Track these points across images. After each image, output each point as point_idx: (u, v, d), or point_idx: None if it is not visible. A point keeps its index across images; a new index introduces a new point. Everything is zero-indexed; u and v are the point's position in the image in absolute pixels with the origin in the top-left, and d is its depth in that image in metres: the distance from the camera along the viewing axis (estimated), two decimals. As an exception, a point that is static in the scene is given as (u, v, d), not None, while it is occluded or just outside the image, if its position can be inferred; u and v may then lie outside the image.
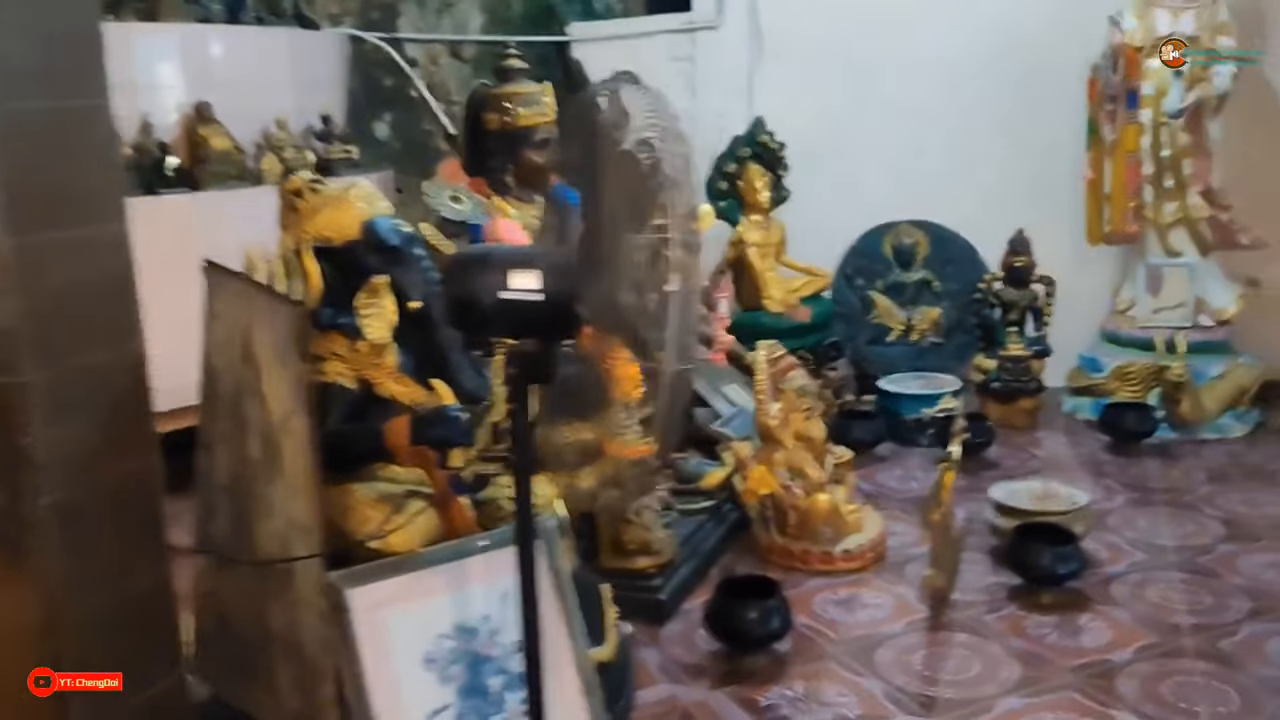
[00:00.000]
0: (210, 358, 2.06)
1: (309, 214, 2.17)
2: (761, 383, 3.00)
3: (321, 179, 2.25)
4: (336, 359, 2.11)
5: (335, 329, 2.13)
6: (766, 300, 4.51)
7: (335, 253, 2.15)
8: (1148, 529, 3.20)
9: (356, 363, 2.13)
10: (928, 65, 4.67)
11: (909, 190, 4.80)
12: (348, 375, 2.11)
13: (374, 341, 2.11)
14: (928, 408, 3.97)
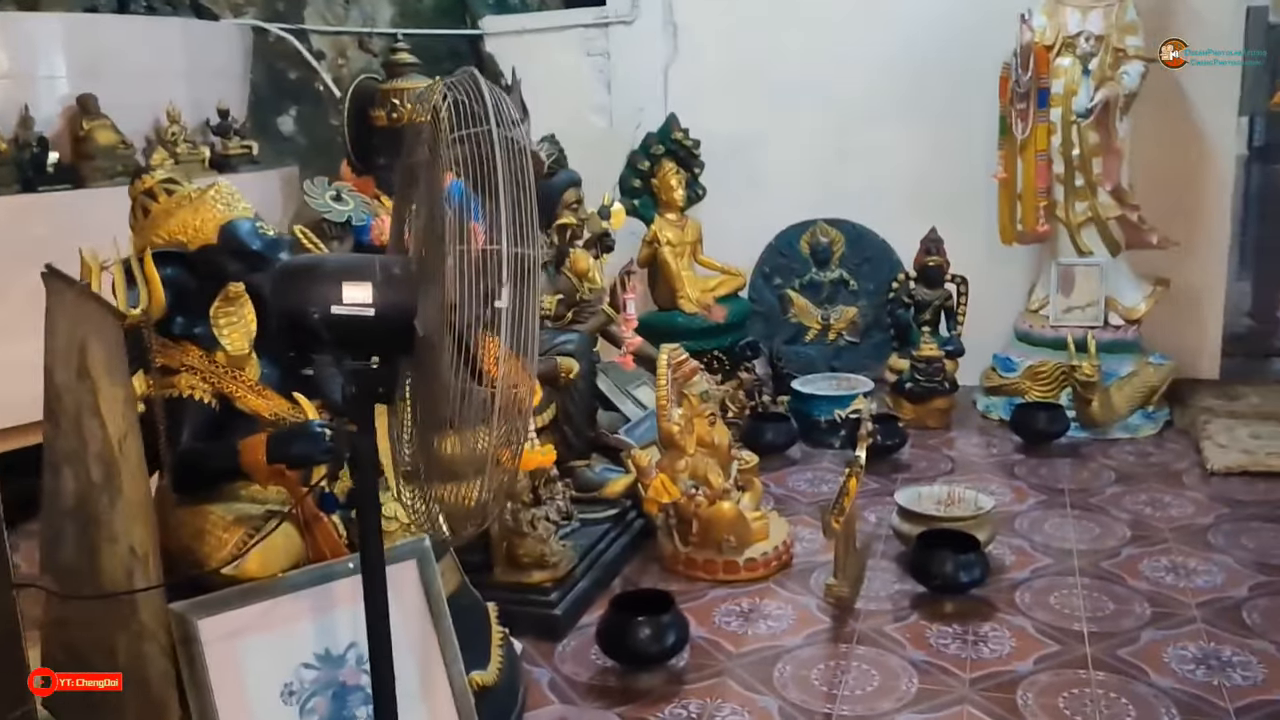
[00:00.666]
0: (52, 372, 1.92)
1: (162, 216, 2.05)
2: (663, 387, 2.92)
3: (176, 179, 2.12)
4: (190, 372, 1.98)
5: (189, 340, 2.01)
6: (681, 300, 4.43)
7: (191, 258, 2.02)
8: (1054, 532, 3.18)
9: (213, 375, 2.00)
10: (845, 61, 4.63)
11: (826, 188, 4.76)
12: (203, 389, 1.98)
13: (232, 353, 1.98)
14: (840, 409, 3.92)
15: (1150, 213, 4.13)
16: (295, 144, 4.90)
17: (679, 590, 2.88)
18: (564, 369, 3.03)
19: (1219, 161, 4.34)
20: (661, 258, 4.44)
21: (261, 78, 4.81)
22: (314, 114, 4.93)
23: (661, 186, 4.50)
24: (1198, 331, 4.47)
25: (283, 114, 4.90)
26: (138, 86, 4.11)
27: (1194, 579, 2.85)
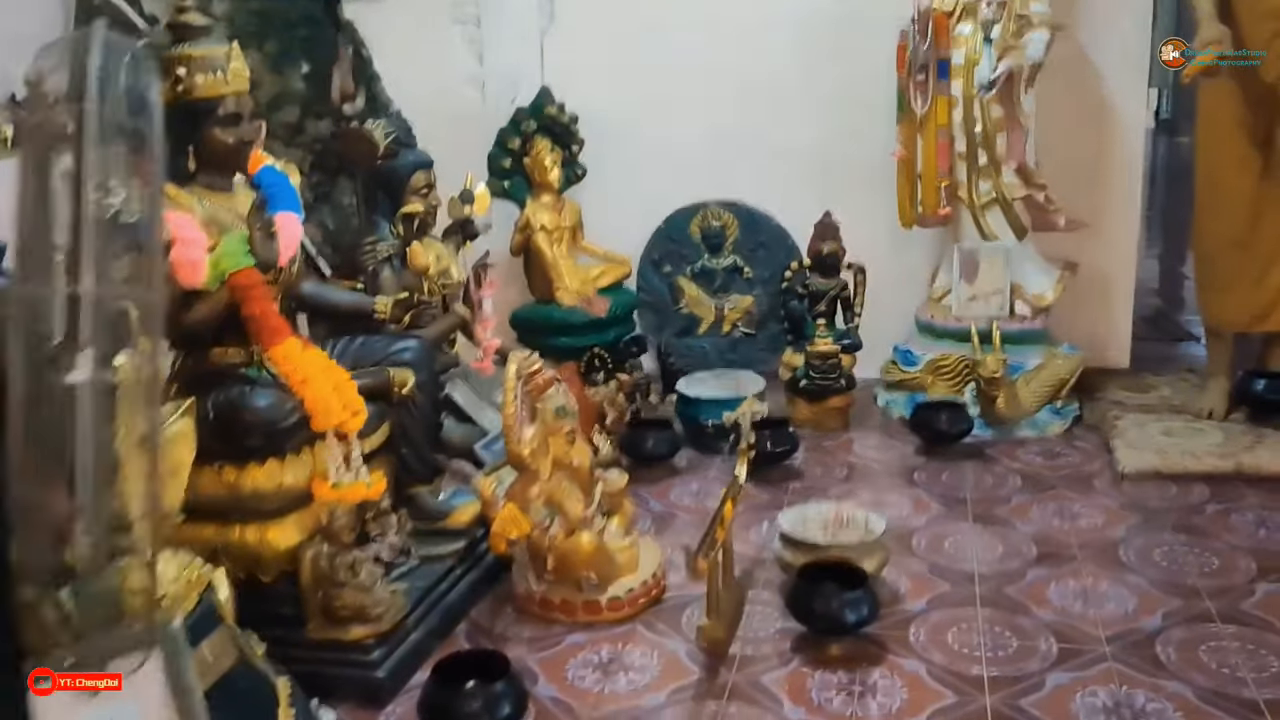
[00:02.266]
0: None
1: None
2: (510, 404, 2.53)
3: None
4: None
5: None
6: (559, 291, 4.05)
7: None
8: (955, 551, 2.88)
9: None
10: (735, 28, 4.26)
11: (717, 168, 4.39)
12: None
13: None
14: (729, 411, 3.55)
15: (1057, 192, 3.85)
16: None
17: (532, 636, 2.53)
18: (397, 382, 2.62)
19: (1127, 135, 4.09)
20: (535, 245, 4.05)
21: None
22: (148, 87, 4.42)
23: (535, 166, 4.10)
24: (1106, 318, 4.23)
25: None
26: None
27: (1104, 605, 2.56)
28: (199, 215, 2.38)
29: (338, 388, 2.38)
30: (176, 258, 2.27)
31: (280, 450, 2.34)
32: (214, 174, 2.46)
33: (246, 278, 2.31)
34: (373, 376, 2.62)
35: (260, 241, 2.33)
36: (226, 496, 2.31)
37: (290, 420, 2.32)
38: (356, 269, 2.97)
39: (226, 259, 2.32)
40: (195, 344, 2.44)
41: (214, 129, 2.39)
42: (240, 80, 2.42)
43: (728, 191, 4.41)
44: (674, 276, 4.50)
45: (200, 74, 2.36)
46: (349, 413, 2.38)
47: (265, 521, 2.33)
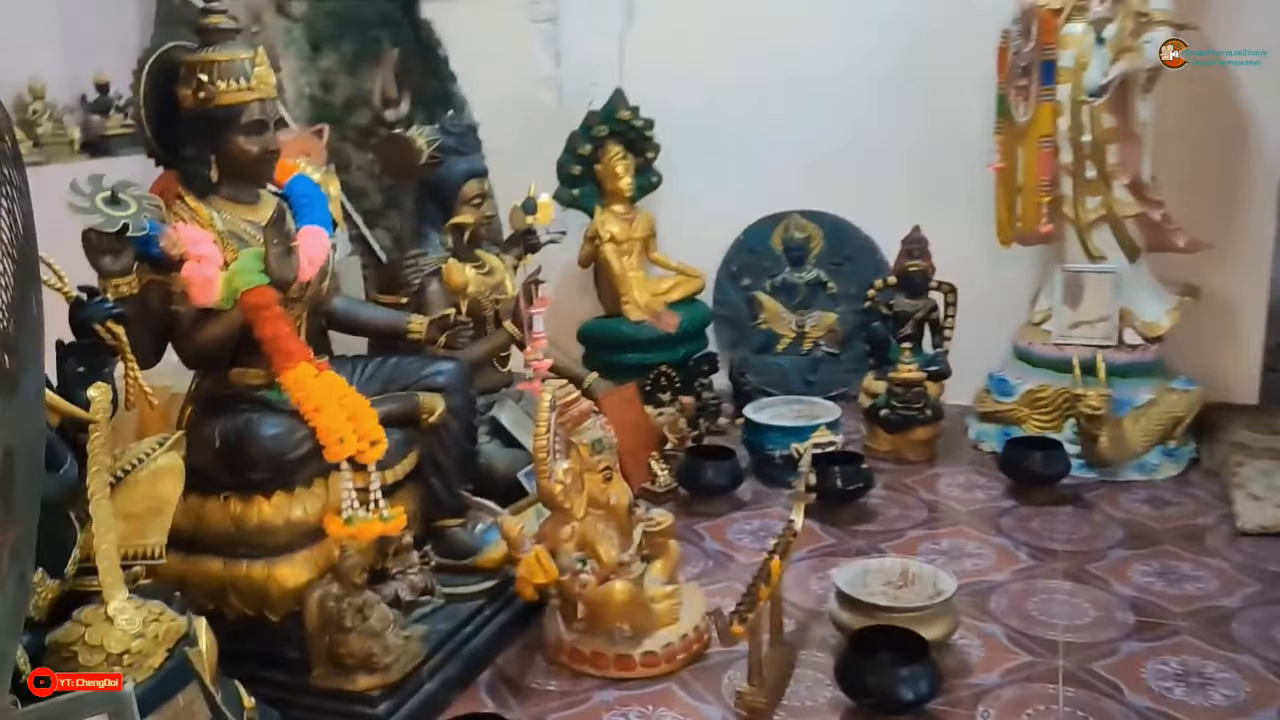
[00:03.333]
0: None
1: None
2: (542, 435, 2.33)
3: None
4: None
5: None
6: (626, 305, 3.84)
7: None
8: (1039, 613, 2.57)
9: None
10: (824, 29, 3.99)
11: (802, 176, 4.14)
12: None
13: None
14: (799, 441, 3.30)
15: (1176, 209, 3.47)
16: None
17: (559, 689, 2.33)
18: (425, 409, 2.45)
19: (1262, 146, 3.66)
20: (603, 256, 3.85)
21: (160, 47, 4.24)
22: (223, 88, 4.36)
23: (606, 173, 3.90)
24: (1232, 348, 3.80)
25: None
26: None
27: (1209, 692, 2.22)
28: (217, 229, 2.25)
29: (354, 416, 2.22)
30: (188, 275, 2.15)
31: (289, 482, 2.19)
32: (237, 185, 2.33)
33: (259, 297, 2.17)
34: (400, 402, 2.46)
35: (276, 258, 2.19)
36: (233, 530, 2.17)
37: (299, 451, 2.17)
38: (399, 284, 2.81)
39: (240, 277, 2.18)
40: (213, 365, 2.31)
41: (237, 137, 2.26)
42: (265, 86, 2.28)
43: (812, 201, 4.16)
44: (753, 290, 4.26)
45: (223, 80, 2.23)
46: (366, 443, 2.22)
47: (273, 557, 2.18)
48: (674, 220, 4.11)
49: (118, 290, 2.07)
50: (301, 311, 2.42)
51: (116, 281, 2.07)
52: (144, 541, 1.78)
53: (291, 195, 2.45)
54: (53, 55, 3.73)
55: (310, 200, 2.44)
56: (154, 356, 2.24)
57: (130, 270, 2.09)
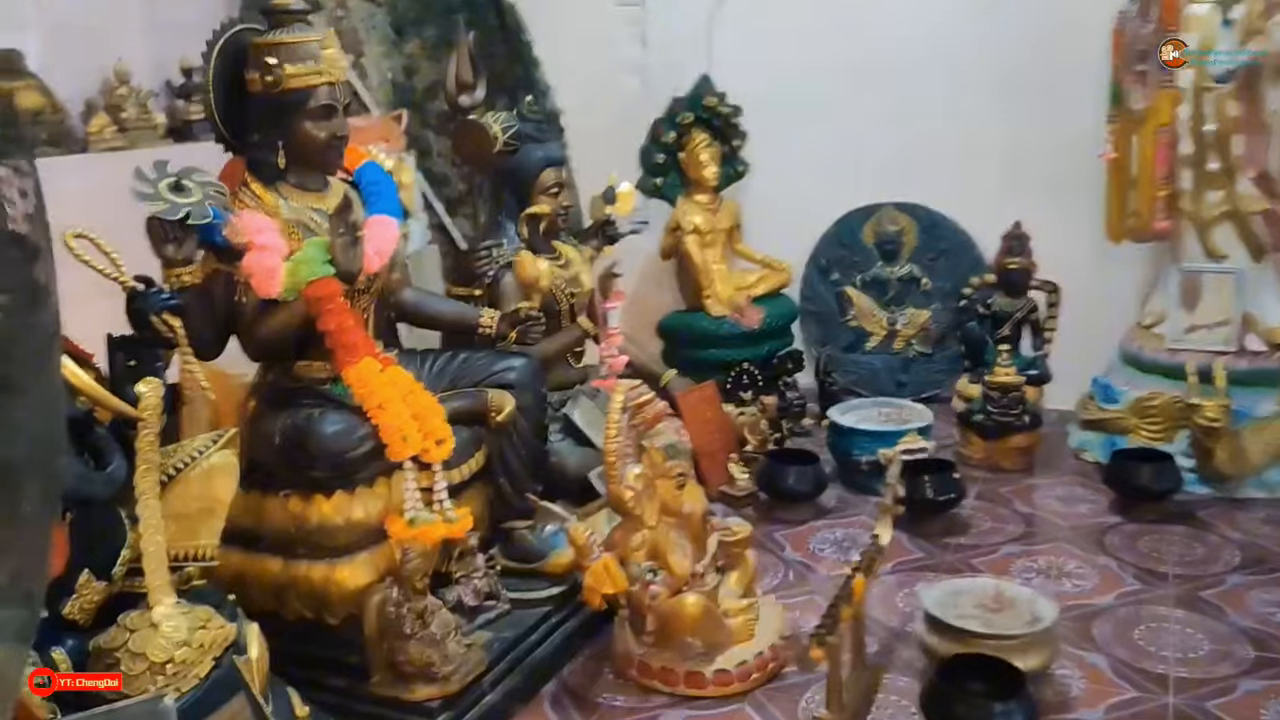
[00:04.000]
0: None
1: None
2: (614, 439, 2.21)
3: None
4: None
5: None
6: (708, 299, 3.71)
7: None
8: (1146, 644, 2.37)
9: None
10: (922, 13, 3.80)
11: (896, 167, 3.95)
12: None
13: None
14: (886, 447, 3.13)
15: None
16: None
17: (625, 706, 2.22)
18: (494, 407, 2.36)
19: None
20: (684, 248, 3.72)
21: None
22: (307, 73, 4.33)
23: (690, 162, 3.77)
24: (1365, 357, 3.50)
25: (271, 73, 4.32)
26: (81, 41, 3.59)
27: (1340, 741, 2.02)
28: (282, 217, 2.18)
29: (419, 413, 2.13)
30: (250, 265, 2.08)
31: (351, 481, 2.11)
32: (304, 172, 2.25)
33: (323, 288, 2.09)
34: (469, 399, 2.37)
35: (342, 249, 2.10)
36: (292, 529, 2.10)
37: (361, 449, 2.09)
38: (472, 276, 2.71)
39: (303, 267, 2.10)
40: (276, 357, 2.24)
41: (304, 122, 2.18)
42: (335, 69, 2.20)
43: (907, 193, 3.98)
44: (842, 285, 4.09)
45: (291, 63, 2.15)
46: (431, 441, 2.13)
47: (333, 558, 2.11)
48: (760, 211, 3.97)
49: (180, 280, 2.02)
50: (369, 304, 2.34)
51: (179, 271, 2.01)
52: (195, 543, 1.72)
53: (361, 183, 2.37)
54: (139, 39, 3.73)
55: (380, 188, 2.36)
56: (217, 347, 2.18)
57: (193, 259, 2.04)
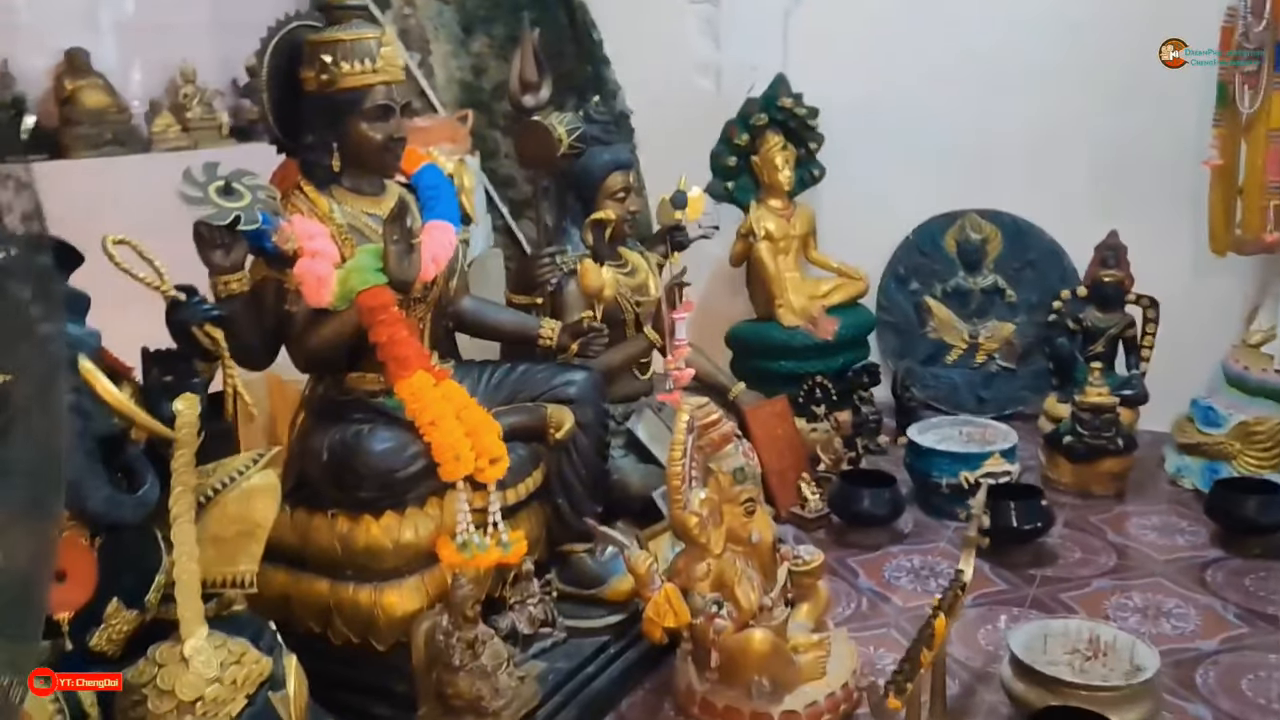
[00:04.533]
0: None
1: None
2: (677, 460, 2.08)
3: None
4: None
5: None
6: (780, 309, 3.55)
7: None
8: (1255, 694, 2.17)
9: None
10: (1010, 12, 3.59)
11: (980, 171, 3.76)
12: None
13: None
14: (968, 470, 2.96)
15: None
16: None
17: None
18: (553, 423, 2.24)
19: None
20: (756, 255, 3.57)
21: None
22: (373, 72, 4.27)
23: (763, 165, 3.62)
24: None
25: (338, 72, 4.26)
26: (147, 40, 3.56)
27: None
28: (336, 222, 2.09)
29: (474, 430, 2.02)
30: (300, 272, 1.98)
31: (400, 502, 2.01)
32: (360, 175, 2.16)
33: (375, 298, 1.99)
34: (527, 414, 2.25)
35: (396, 256, 2.00)
36: (339, 550, 2.00)
37: (411, 468, 1.99)
38: (534, 283, 2.60)
39: (355, 275, 2.01)
40: (327, 368, 2.15)
41: (360, 123, 2.09)
42: (392, 68, 2.10)
43: (992, 199, 3.78)
44: (922, 295, 3.90)
45: (346, 61, 2.06)
46: (485, 460, 2.02)
47: (381, 582, 2.01)
48: (836, 217, 3.81)
49: (228, 287, 1.94)
50: (425, 313, 2.24)
51: (227, 278, 1.93)
52: (233, 569, 1.62)
53: (419, 186, 2.28)
54: (206, 38, 3.69)
55: (438, 192, 2.26)
56: (267, 357, 2.09)
57: (242, 266, 1.95)
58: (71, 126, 3.23)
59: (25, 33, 3.32)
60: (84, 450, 1.38)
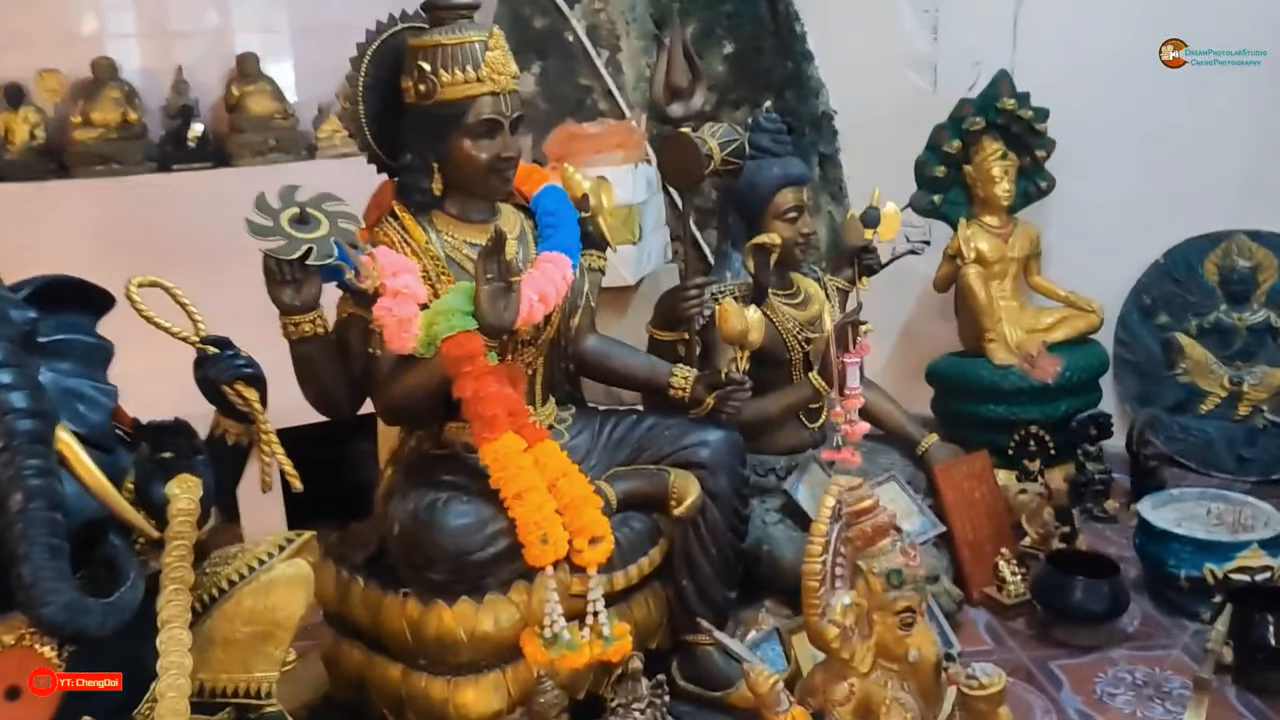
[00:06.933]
0: None
1: None
2: (817, 556, 1.68)
3: None
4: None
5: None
6: (991, 343, 3.05)
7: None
8: None
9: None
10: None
11: (1252, 185, 3.12)
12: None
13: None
14: (1214, 563, 2.37)
15: None
16: (535, 109, 4.03)
17: None
18: (675, 493, 1.89)
19: None
20: (965, 281, 3.07)
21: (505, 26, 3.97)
22: (559, 71, 4.03)
23: (978, 176, 3.12)
24: None
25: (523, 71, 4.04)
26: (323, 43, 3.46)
27: None
28: (433, 254, 1.82)
29: (572, 505, 1.71)
30: (381, 314, 1.72)
31: (478, 587, 1.71)
32: (465, 199, 1.89)
33: (461, 346, 1.70)
34: (646, 480, 1.92)
35: (488, 297, 1.70)
36: (409, 636, 1.73)
37: (490, 549, 1.69)
38: (677, 319, 2.24)
39: (442, 319, 1.72)
40: (414, 423, 1.89)
41: (463, 140, 1.81)
42: (500, 76, 1.81)
43: (1266, 218, 3.10)
44: (1172, 331, 3.27)
45: (446, 69, 1.78)
46: (584, 540, 1.70)
47: (456, 676, 1.72)
48: (1067, 237, 3.26)
49: (298, 330, 1.70)
50: (535, 357, 1.94)
51: (297, 318, 1.70)
52: (246, 676, 1.37)
53: (537, 212, 1.98)
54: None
55: (557, 219, 1.95)
56: (349, 406, 1.85)
57: (314, 305, 1.71)
58: (236, 134, 3.15)
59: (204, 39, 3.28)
60: (46, 546, 1.16)
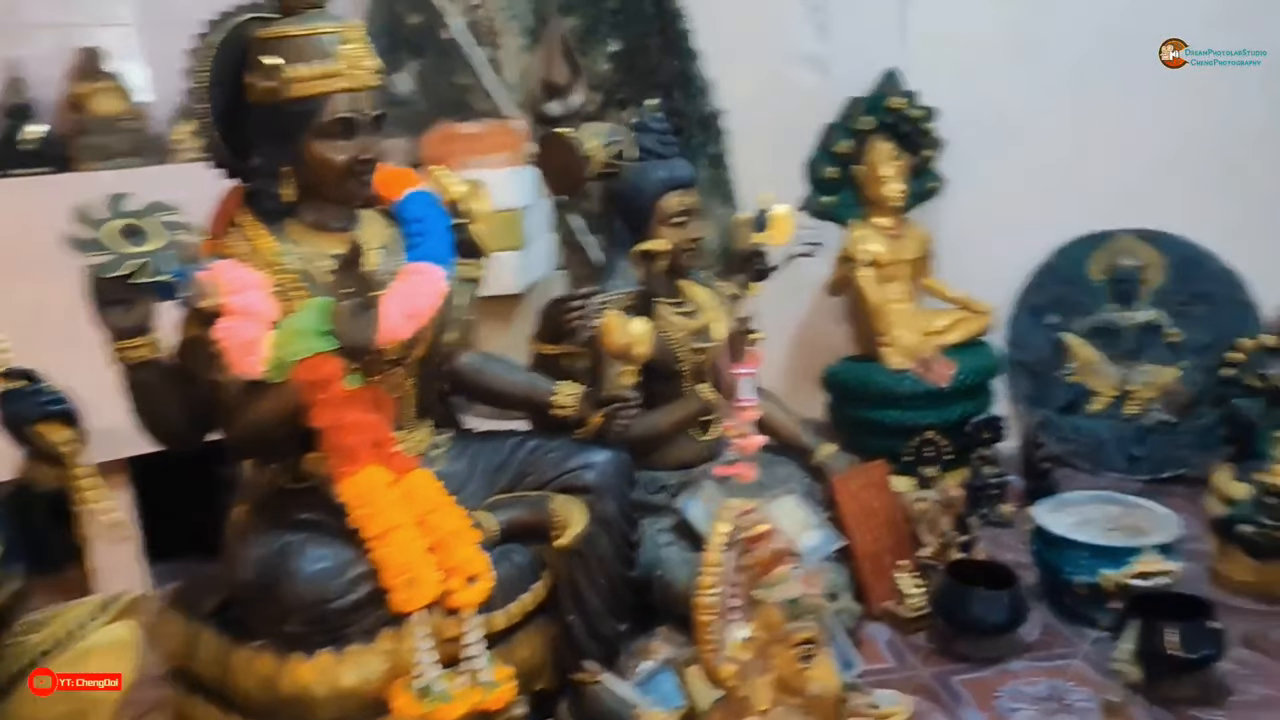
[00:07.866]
0: None
1: None
2: (711, 589, 1.56)
3: None
4: None
5: None
6: (885, 348, 2.99)
7: None
8: None
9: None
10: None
11: (1138, 184, 3.12)
12: None
13: None
14: (1111, 568, 2.33)
15: None
16: (412, 109, 3.84)
17: None
18: (555, 524, 1.75)
19: None
20: (858, 283, 3.00)
21: (378, 25, 3.78)
22: (437, 69, 3.85)
23: (868, 177, 3.05)
24: None
25: (399, 69, 3.85)
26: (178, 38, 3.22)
27: None
28: (285, 269, 1.64)
29: (445, 541, 1.56)
30: (222, 335, 1.54)
31: (339, 637, 1.54)
32: (321, 206, 1.71)
33: (316, 369, 1.53)
34: (526, 509, 1.78)
35: (347, 314, 1.54)
36: (264, 693, 1.55)
37: (351, 596, 1.53)
38: (562, 332, 2.10)
39: (295, 339, 1.55)
40: (268, 455, 1.71)
41: (315, 141, 1.64)
42: (358, 72, 1.65)
43: (1152, 219, 3.13)
44: (1061, 331, 3.26)
45: (296, 63, 1.61)
46: (460, 579, 1.55)
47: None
48: (957, 238, 3.21)
49: (130, 355, 1.52)
50: (404, 378, 1.78)
51: (128, 343, 1.51)
52: (57, 763, 1.19)
53: (403, 219, 1.82)
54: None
55: (425, 225, 1.79)
56: (194, 435, 1.66)
57: (146, 329, 1.53)
58: (81, 136, 2.89)
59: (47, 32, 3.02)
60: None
